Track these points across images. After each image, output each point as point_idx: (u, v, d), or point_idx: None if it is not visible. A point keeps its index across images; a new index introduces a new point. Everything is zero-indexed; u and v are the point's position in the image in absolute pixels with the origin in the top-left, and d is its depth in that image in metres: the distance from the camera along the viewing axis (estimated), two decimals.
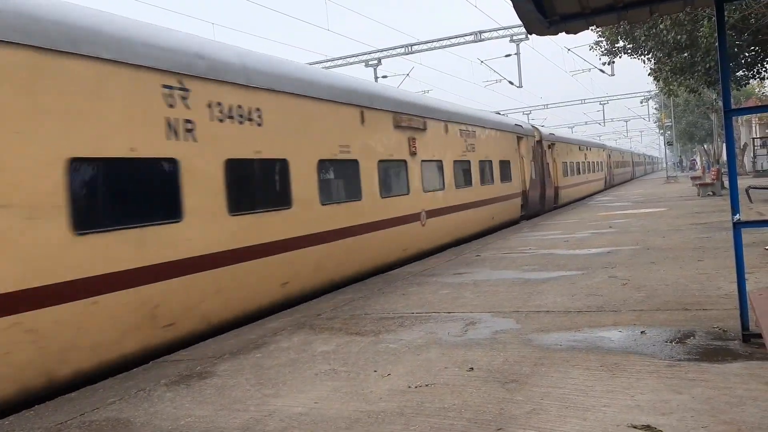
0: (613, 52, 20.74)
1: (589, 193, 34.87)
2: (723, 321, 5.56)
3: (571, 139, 31.93)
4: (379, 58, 31.63)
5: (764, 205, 16.87)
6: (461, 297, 7.83)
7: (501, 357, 5.08)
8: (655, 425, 3.49)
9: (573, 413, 3.78)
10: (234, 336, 6.76)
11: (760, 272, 7.51)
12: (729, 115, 5.17)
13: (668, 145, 57.63)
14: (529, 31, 5.40)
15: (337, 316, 7.28)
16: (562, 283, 8.20)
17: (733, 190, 5.13)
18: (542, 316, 6.43)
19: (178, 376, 5.36)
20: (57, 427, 4.35)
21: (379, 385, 4.63)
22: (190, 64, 6.93)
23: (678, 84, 20.58)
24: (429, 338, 5.90)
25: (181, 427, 4.13)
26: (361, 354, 5.55)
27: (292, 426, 3.98)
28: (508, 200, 18.47)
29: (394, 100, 11.88)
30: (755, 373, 4.19)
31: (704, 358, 4.63)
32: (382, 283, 9.45)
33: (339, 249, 9.55)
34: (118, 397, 4.90)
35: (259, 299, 7.79)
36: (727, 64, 5.16)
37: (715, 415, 3.57)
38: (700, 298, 6.60)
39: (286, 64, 9.05)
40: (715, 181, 25.20)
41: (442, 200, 13.66)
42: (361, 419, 3.99)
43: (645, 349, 4.96)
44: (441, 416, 3.92)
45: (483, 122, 16.72)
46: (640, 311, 6.26)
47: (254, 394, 4.68)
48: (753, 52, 18.55)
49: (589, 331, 5.66)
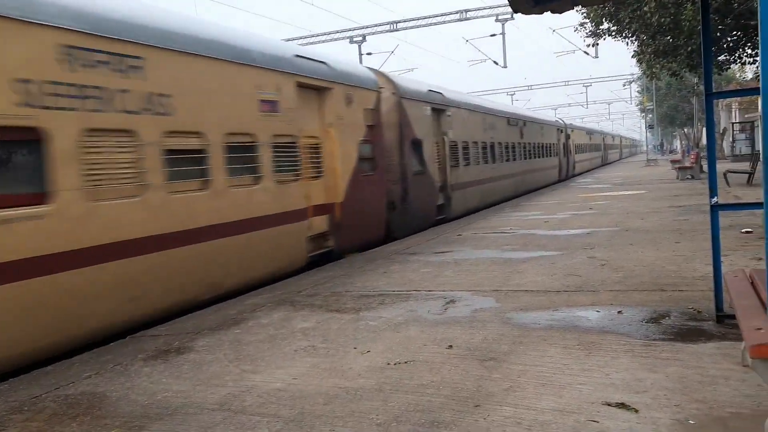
0: (597, 33, 20.72)
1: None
2: (698, 302, 5.64)
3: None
4: (364, 35, 31.35)
5: (741, 189, 17.10)
6: (442, 275, 7.86)
7: (480, 335, 5.12)
8: (629, 403, 3.55)
9: (549, 390, 3.82)
10: (213, 312, 6.73)
11: (736, 255, 7.62)
12: (710, 98, 5.20)
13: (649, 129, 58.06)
14: (515, 9, 5.35)
15: (318, 293, 7.27)
16: (541, 263, 8.26)
17: (712, 173, 5.17)
18: (521, 295, 6.48)
19: (156, 351, 5.33)
20: (32, 400, 4.31)
21: (359, 362, 4.64)
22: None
23: (660, 67, 20.67)
24: (409, 316, 5.92)
25: (158, 401, 4.12)
26: (340, 331, 5.55)
27: (270, 401, 3.98)
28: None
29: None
30: (728, 353, 4.26)
31: (679, 338, 4.69)
32: (363, 261, 9.45)
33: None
34: (94, 372, 4.87)
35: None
36: (710, 46, 5.17)
37: (688, 393, 3.63)
38: (676, 279, 6.69)
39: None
40: (694, 164, 25.47)
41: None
42: (340, 395, 4.00)
43: (621, 329, 5.02)
44: (419, 393, 3.95)
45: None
46: (618, 291, 6.33)
47: (232, 370, 4.67)
48: (735, 37, 18.66)
49: (567, 311, 5.72)
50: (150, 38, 6.83)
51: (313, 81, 9.85)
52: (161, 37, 7.00)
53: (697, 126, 42.14)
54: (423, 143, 14.35)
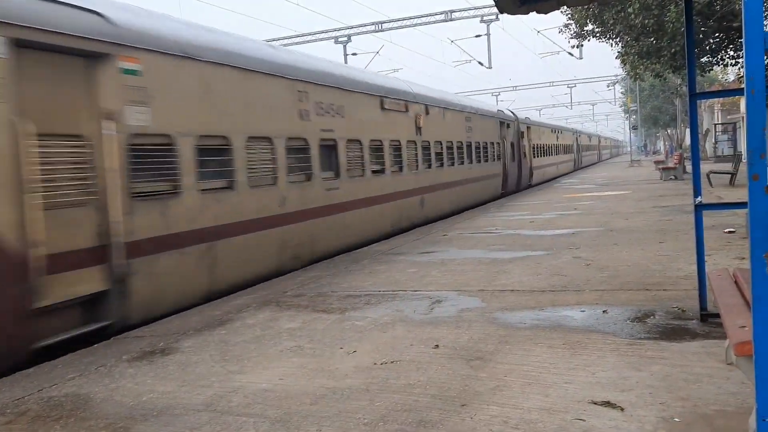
0: (582, 35, 20.87)
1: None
2: (682, 301, 5.69)
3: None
4: (349, 35, 31.33)
5: (724, 189, 17.29)
6: (428, 275, 7.86)
7: (466, 335, 5.12)
8: (614, 401, 3.57)
9: (536, 390, 3.83)
10: (198, 312, 6.68)
11: (719, 254, 7.70)
12: (694, 98, 5.24)
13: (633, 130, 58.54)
14: (501, 9, 5.36)
15: (304, 294, 7.25)
16: (527, 262, 8.29)
17: (696, 173, 5.22)
18: (507, 294, 6.50)
19: (141, 352, 5.28)
20: (14, 402, 4.25)
21: (345, 362, 4.63)
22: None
23: (644, 68, 20.86)
24: (395, 316, 5.92)
25: (143, 403, 4.08)
26: (327, 331, 5.54)
27: (257, 402, 3.95)
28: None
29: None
30: (712, 351, 4.30)
31: (663, 336, 4.73)
32: (349, 261, 9.43)
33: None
34: (78, 373, 4.81)
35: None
36: (693, 48, 5.21)
37: (673, 391, 3.66)
38: (661, 278, 6.75)
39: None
40: (678, 165, 25.72)
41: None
42: (327, 395, 3.99)
43: (606, 328, 5.06)
44: (406, 392, 3.94)
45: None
46: (603, 291, 6.37)
47: (218, 371, 4.63)
48: (717, 39, 18.88)
49: (552, 310, 5.74)
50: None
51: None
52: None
53: (680, 127, 42.56)
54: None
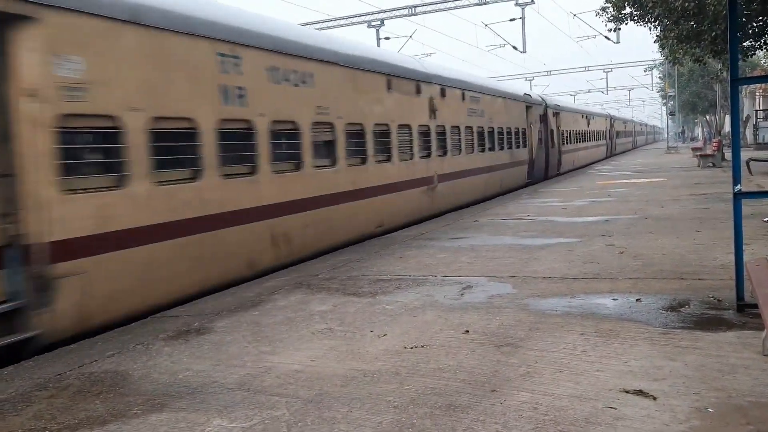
0: (619, 18, 20.40)
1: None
2: (718, 291, 5.59)
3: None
4: (382, 20, 31.13)
5: (764, 177, 16.84)
6: (458, 261, 7.86)
7: (497, 321, 5.12)
8: (647, 390, 3.54)
9: (566, 377, 3.82)
10: (231, 294, 6.80)
11: (757, 244, 7.53)
12: (736, 84, 5.11)
13: (670, 116, 57.22)
14: None
15: (335, 277, 7.31)
16: (559, 250, 8.22)
17: (736, 160, 5.10)
18: (539, 281, 6.47)
19: (176, 332, 5.40)
20: (56, 377, 4.40)
21: (375, 345, 4.67)
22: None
23: (683, 53, 20.31)
24: (425, 300, 5.94)
25: (179, 380, 4.18)
26: (357, 314, 5.59)
27: (289, 383, 4.02)
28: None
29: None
30: (748, 342, 4.23)
31: (698, 326, 4.67)
32: (379, 246, 9.47)
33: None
34: (117, 350, 4.95)
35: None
36: (736, 31, 5.07)
37: (707, 382, 3.61)
38: (697, 267, 6.63)
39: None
40: (716, 152, 25.10)
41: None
42: (357, 378, 4.04)
43: (639, 317, 5.00)
44: (436, 377, 3.97)
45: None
46: (636, 279, 6.29)
47: (251, 351, 4.72)
48: (761, 22, 18.28)
49: (584, 298, 5.70)
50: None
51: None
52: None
53: (719, 113, 41.46)
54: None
